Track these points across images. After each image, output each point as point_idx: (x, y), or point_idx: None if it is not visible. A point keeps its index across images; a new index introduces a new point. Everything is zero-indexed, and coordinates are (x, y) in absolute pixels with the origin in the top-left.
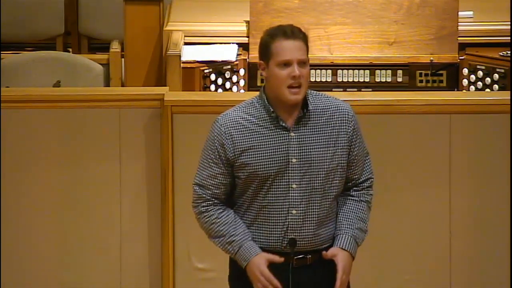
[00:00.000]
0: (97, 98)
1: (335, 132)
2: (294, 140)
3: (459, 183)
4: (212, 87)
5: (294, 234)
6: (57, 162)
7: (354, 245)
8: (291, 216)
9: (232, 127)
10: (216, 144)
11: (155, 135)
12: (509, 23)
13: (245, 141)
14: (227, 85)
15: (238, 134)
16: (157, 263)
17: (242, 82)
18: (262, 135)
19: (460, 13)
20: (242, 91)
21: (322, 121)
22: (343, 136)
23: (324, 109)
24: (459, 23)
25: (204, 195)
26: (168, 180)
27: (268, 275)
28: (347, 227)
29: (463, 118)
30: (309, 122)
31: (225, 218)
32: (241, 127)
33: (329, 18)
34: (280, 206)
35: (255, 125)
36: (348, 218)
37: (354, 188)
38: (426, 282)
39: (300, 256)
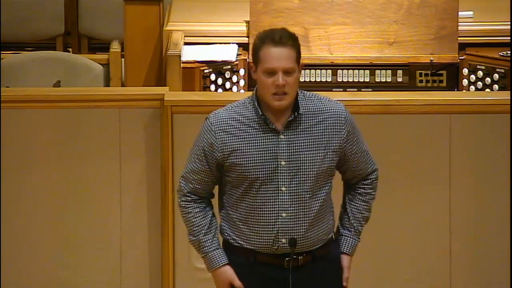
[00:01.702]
0: (97, 98)
1: (327, 135)
2: (284, 142)
3: (459, 183)
4: (212, 87)
5: (285, 237)
6: (57, 162)
7: (355, 247)
8: (281, 218)
9: (221, 127)
10: (204, 143)
11: (155, 135)
12: (509, 23)
13: (234, 142)
14: (227, 85)
15: (227, 135)
16: (157, 263)
17: (242, 82)
18: (251, 136)
19: (460, 13)
20: (242, 91)
21: (314, 123)
22: (335, 139)
23: (316, 111)
24: (459, 23)
25: (185, 188)
26: (168, 180)
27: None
28: (356, 229)
29: (463, 118)
30: (300, 125)
31: (200, 220)
32: (231, 127)
33: (329, 18)
34: (270, 209)
35: (245, 126)
36: (357, 219)
37: (362, 182)
38: (426, 282)
39: (292, 257)
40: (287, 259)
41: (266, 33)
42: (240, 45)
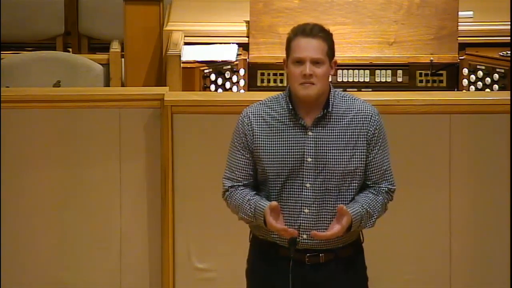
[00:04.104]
0: (97, 98)
1: (355, 134)
2: (311, 139)
3: (459, 183)
4: (212, 87)
5: (307, 233)
6: (57, 162)
7: (357, 222)
8: (303, 214)
9: (254, 119)
10: (241, 135)
11: (155, 135)
12: (509, 23)
13: (263, 135)
14: (227, 85)
15: (258, 128)
16: (157, 263)
17: (242, 82)
18: (280, 131)
19: (460, 13)
20: (242, 91)
21: (343, 123)
22: (362, 139)
23: (346, 111)
24: (459, 23)
25: (231, 186)
26: (168, 180)
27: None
28: (361, 204)
29: (463, 118)
30: (329, 122)
31: (245, 191)
32: (262, 121)
33: (329, 18)
34: (293, 204)
35: (276, 121)
36: (363, 200)
37: (373, 187)
38: (426, 282)
39: (313, 254)
40: (308, 255)
41: (298, 26)
42: (240, 45)
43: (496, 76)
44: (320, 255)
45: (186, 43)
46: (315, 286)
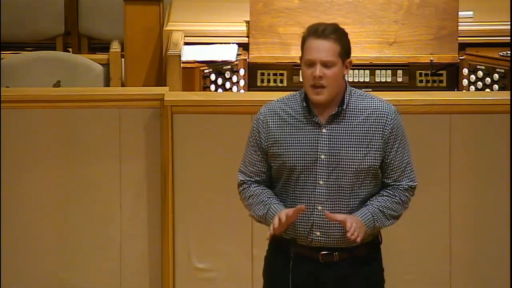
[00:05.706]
0: (97, 98)
1: (371, 133)
2: (325, 136)
3: (459, 183)
4: (212, 87)
5: (320, 230)
6: (57, 162)
7: (369, 220)
8: (316, 212)
9: (269, 116)
10: (255, 132)
11: (155, 135)
12: (509, 23)
13: (278, 132)
14: (227, 85)
15: (273, 124)
16: (157, 263)
17: (242, 82)
18: (295, 127)
19: (460, 13)
20: (242, 91)
21: (358, 120)
22: (378, 137)
23: (362, 109)
24: (459, 23)
25: (244, 181)
26: (168, 180)
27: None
28: (369, 206)
29: (463, 118)
30: (343, 120)
31: (259, 190)
32: (278, 117)
33: (329, 18)
34: (306, 201)
35: (291, 118)
36: (374, 202)
37: (391, 186)
38: (426, 282)
39: (327, 252)
40: (322, 253)
41: (312, 26)
42: (240, 45)
43: (496, 76)
44: (334, 253)
45: (186, 43)
46: (328, 284)
